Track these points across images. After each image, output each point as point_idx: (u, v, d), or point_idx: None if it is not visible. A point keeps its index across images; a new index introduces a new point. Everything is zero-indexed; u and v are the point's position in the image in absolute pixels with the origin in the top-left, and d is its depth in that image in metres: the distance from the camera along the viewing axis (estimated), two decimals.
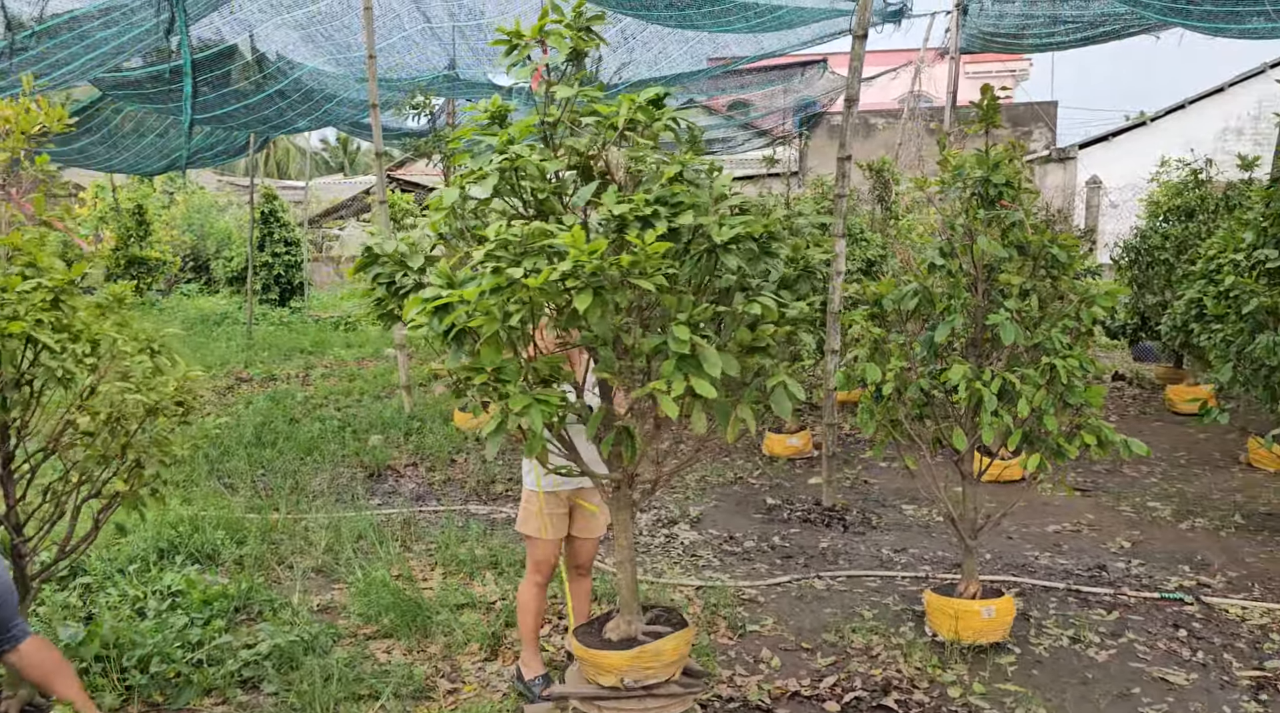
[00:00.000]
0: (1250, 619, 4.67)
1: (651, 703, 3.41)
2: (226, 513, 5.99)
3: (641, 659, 3.38)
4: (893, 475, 7.42)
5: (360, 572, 5.15)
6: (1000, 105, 4.69)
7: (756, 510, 6.59)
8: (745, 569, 5.46)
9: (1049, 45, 11.02)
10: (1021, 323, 4.34)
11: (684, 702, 3.45)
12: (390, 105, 11.58)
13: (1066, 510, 6.43)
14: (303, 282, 18.37)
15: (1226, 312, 6.12)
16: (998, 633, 4.39)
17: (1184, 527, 6.07)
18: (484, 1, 8.57)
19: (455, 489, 7.12)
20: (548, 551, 3.96)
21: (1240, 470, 7.34)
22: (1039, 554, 5.66)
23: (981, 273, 4.50)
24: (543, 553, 3.97)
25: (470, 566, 5.35)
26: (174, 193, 24.73)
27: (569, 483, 3.88)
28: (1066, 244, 4.39)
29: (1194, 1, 5.81)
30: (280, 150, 46.51)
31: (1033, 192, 4.60)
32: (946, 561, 5.57)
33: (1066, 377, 4.13)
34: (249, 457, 7.60)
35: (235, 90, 10.16)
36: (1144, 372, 11.10)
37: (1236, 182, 9.28)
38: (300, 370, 11.96)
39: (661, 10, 7.41)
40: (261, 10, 9.22)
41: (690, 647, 3.45)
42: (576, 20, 3.32)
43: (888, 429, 4.66)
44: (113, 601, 4.67)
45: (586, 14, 3.48)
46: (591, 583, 4.23)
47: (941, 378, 4.32)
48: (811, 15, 8.10)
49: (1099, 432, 4.23)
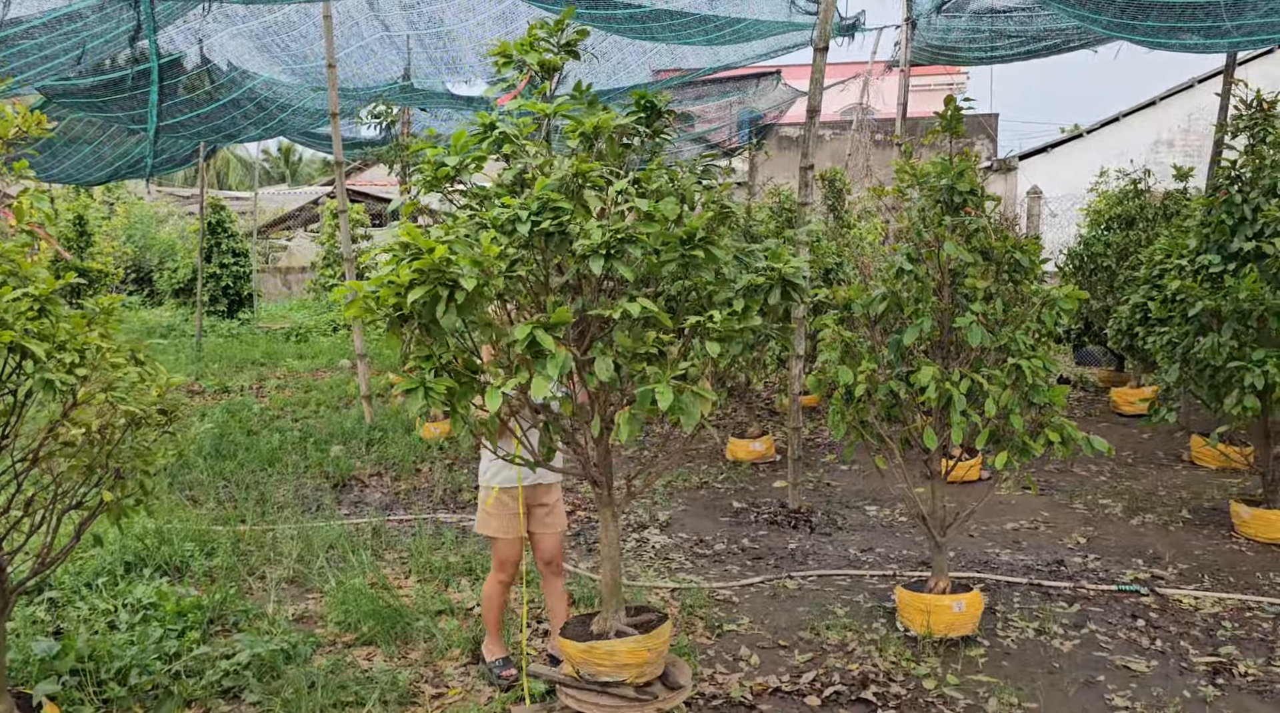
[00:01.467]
0: (1203, 609, 4.88)
1: (605, 701, 3.49)
2: (193, 525, 5.91)
3: (593, 655, 3.47)
4: (854, 478, 7.57)
5: (335, 580, 5.13)
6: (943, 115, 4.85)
7: (724, 514, 6.69)
8: (718, 571, 5.54)
9: (992, 59, 11.34)
10: (986, 326, 4.51)
11: (641, 707, 3.51)
12: (345, 114, 11.50)
13: (1024, 509, 6.64)
14: (251, 293, 18.11)
15: (1170, 315, 6.37)
16: (968, 627, 4.53)
17: (1135, 523, 6.30)
18: (444, 10, 8.58)
19: (422, 498, 7.11)
20: (508, 549, 4.07)
21: (1184, 468, 7.63)
22: (1000, 551, 5.84)
23: (947, 278, 4.66)
24: (504, 552, 4.07)
25: (445, 573, 5.36)
26: (113, 204, 24.20)
27: (524, 479, 3.95)
28: (1029, 250, 4.57)
29: (1138, 18, 6.08)
30: (220, 161, 45.69)
31: (994, 198, 4.78)
32: (912, 559, 5.71)
33: (1031, 377, 4.30)
34: (210, 469, 7.50)
35: (189, 99, 10.02)
36: (1087, 375, 11.45)
37: (1173, 191, 9.65)
38: (254, 382, 11.80)
39: (623, 23, 7.50)
40: (216, 20, 9.13)
41: (650, 653, 3.50)
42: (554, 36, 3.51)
43: (857, 431, 4.79)
44: (84, 614, 4.60)
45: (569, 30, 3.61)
46: (564, 583, 4.28)
47: (911, 379, 4.46)
48: (769, 29, 8.26)
49: (1062, 430, 4.40)
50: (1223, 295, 5.72)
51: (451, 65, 9.88)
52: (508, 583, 4.14)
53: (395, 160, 8.51)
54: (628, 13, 7.13)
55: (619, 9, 7.02)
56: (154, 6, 5.55)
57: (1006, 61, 11.13)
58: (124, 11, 5.93)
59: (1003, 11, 9.43)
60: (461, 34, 9.00)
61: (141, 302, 21.96)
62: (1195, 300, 5.79)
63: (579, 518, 6.61)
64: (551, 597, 4.20)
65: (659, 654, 3.55)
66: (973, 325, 4.41)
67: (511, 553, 4.06)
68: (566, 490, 7.22)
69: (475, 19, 8.70)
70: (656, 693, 3.58)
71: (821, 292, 6.94)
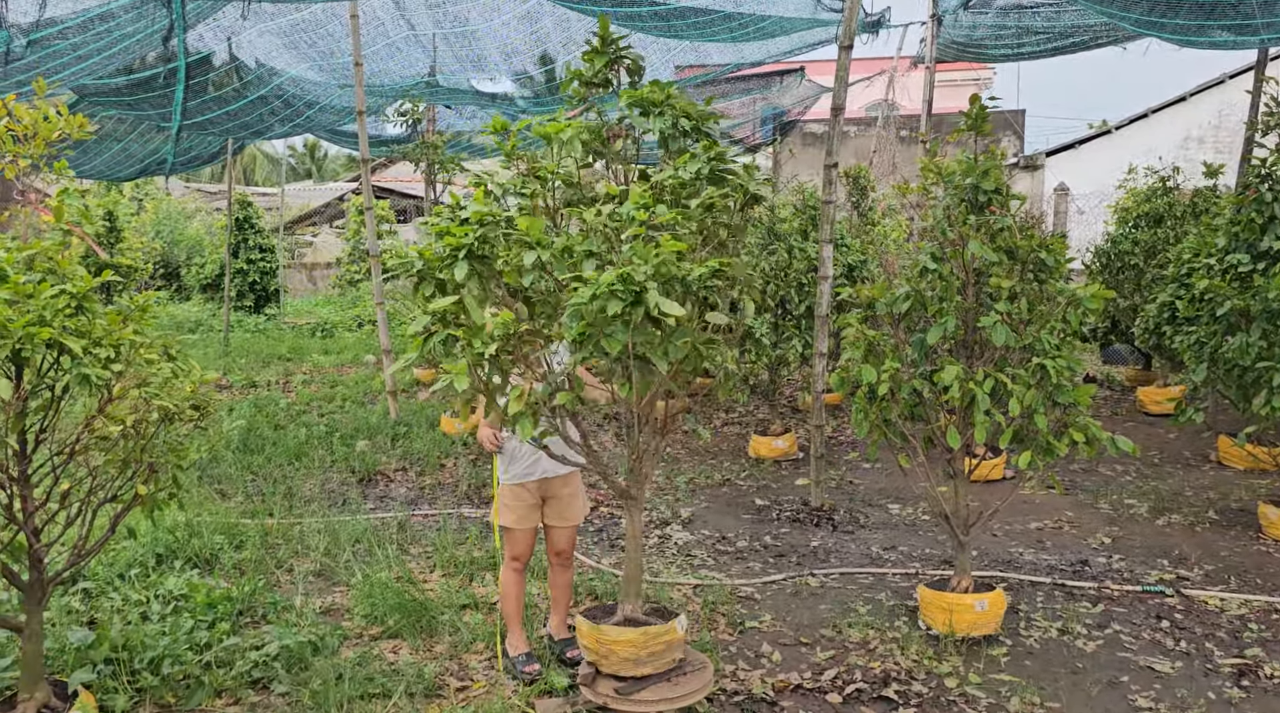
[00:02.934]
0: (1229, 610, 4.85)
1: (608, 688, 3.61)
2: (222, 518, 6.00)
3: (600, 636, 3.61)
4: (876, 476, 7.57)
5: (361, 574, 5.20)
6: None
7: (746, 511, 6.70)
8: (740, 568, 5.57)
9: (1019, 55, 11.27)
10: (1011, 325, 4.50)
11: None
12: (372, 112, 11.58)
13: (1048, 509, 6.61)
14: (277, 288, 18.28)
15: (1199, 314, 6.33)
16: (990, 626, 4.53)
17: (1160, 523, 6.26)
18: (469, 9, 8.64)
19: (447, 493, 7.17)
20: (521, 540, 4.16)
21: (1211, 469, 7.57)
22: (1024, 551, 5.82)
23: (971, 277, 4.65)
24: (518, 543, 4.16)
25: (469, 567, 5.41)
26: (142, 200, 24.48)
27: (534, 474, 4.03)
28: (1054, 249, 4.56)
29: (1168, 15, 6.04)
30: (247, 157, 46.10)
31: (1020, 197, 4.77)
32: (934, 557, 5.71)
33: (1056, 377, 4.29)
34: (238, 463, 7.60)
35: (218, 97, 10.14)
36: (1114, 374, 11.37)
37: (1203, 188, 9.55)
38: (280, 377, 11.93)
39: (647, 20, 7.52)
40: (245, 18, 9.22)
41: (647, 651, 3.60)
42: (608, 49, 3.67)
43: (881, 429, 4.80)
44: (117, 605, 4.69)
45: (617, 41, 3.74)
46: (571, 576, 4.37)
47: (935, 378, 4.46)
48: (793, 25, 8.25)
49: (1087, 430, 4.39)
50: (1252, 295, 5.68)
51: (477, 63, 9.93)
52: (521, 570, 4.23)
53: (421, 158, 8.58)
54: (652, 10, 7.15)
55: (644, 6, 7.05)
56: (185, 6, 5.62)
57: (1033, 58, 11.07)
58: (156, 10, 6.02)
59: (1029, 7, 9.38)
60: (486, 33, 9.05)
61: (170, 297, 22.22)
62: (1224, 300, 5.75)
63: (601, 514, 6.65)
64: (556, 588, 4.31)
65: (669, 646, 3.61)
66: (997, 325, 4.40)
67: (524, 544, 4.15)
68: (590, 486, 7.27)
69: (500, 18, 8.74)
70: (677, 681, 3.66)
71: (845, 290, 6.94)
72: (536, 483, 4.07)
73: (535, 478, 4.05)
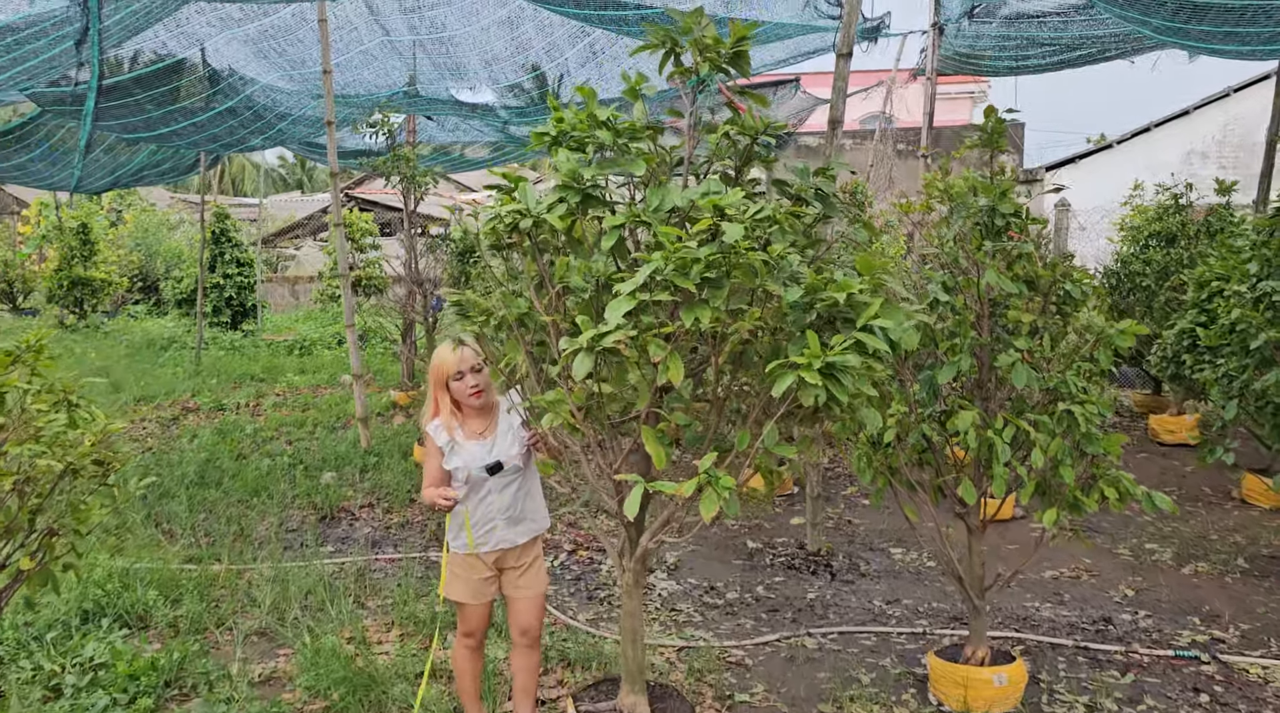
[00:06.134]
0: (1274, 681, 4.35)
1: None
2: (161, 566, 5.47)
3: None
4: (877, 515, 7.07)
5: (309, 635, 4.67)
6: (976, 125, 4.38)
7: (737, 556, 6.20)
8: (730, 625, 5.06)
9: (1022, 69, 10.82)
10: (1032, 364, 4.02)
11: None
12: (348, 123, 11.10)
13: (1063, 555, 6.11)
14: (255, 304, 17.73)
15: (1223, 344, 5.86)
16: (1010, 702, 4.03)
17: (1186, 572, 5.77)
18: (446, 14, 8.16)
19: (414, 534, 6.65)
20: (475, 616, 3.59)
21: (1234, 508, 7.08)
22: (1039, 605, 5.32)
23: (986, 308, 4.17)
24: (470, 618, 3.59)
25: (430, 625, 4.89)
26: (122, 211, 23.95)
27: (488, 543, 3.49)
28: (1079, 279, 4.08)
29: (1192, 21, 5.59)
30: (235, 166, 45.61)
31: (1040, 221, 4.29)
32: (942, 613, 5.21)
33: (1086, 425, 3.80)
34: (190, 499, 7.07)
35: (182, 108, 9.64)
36: (1121, 398, 10.89)
37: (1217, 206, 9.10)
38: (251, 399, 11.39)
39: (633, 24, 7.05)
40: (210, 24, 8.74)
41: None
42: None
43: (885, 476, 4.31)
44: (25, 677, 4.16)
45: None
46: (539, 658, 3.72)
47: (948, 424, 3.98)
48: (787, 32, 7.79)
49: (1118, 484, 3.90)
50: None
51: (456, 71, 9.45)
52: (476, 648, 3.65)
53: (393, 172, 8.08)
54: (638, 13, 6.68)
55: (629, 10, 6.57)
56: (101, 9, 5.13)
57: (1038, 72, 10.62)
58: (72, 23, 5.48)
59: (1036, 17, 8.92)
60: (464, 39, 8.57)
61: (148, 311, 21.67)
62: (1258, 331, 5.27)
63: (580, 559, 6.14)
64: (519, 672, 3.65)
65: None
66: (1017, 364, 3.91)
67: (478, 620, 3.59)
68: (569, 527, 6.76)
69: (479, 24, 8.26)
70: None
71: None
72: (492, 553, 3.52)
73: (489, 548, 3.50)
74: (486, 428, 3.50)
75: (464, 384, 3.42)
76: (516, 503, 3.49)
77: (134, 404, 11.08)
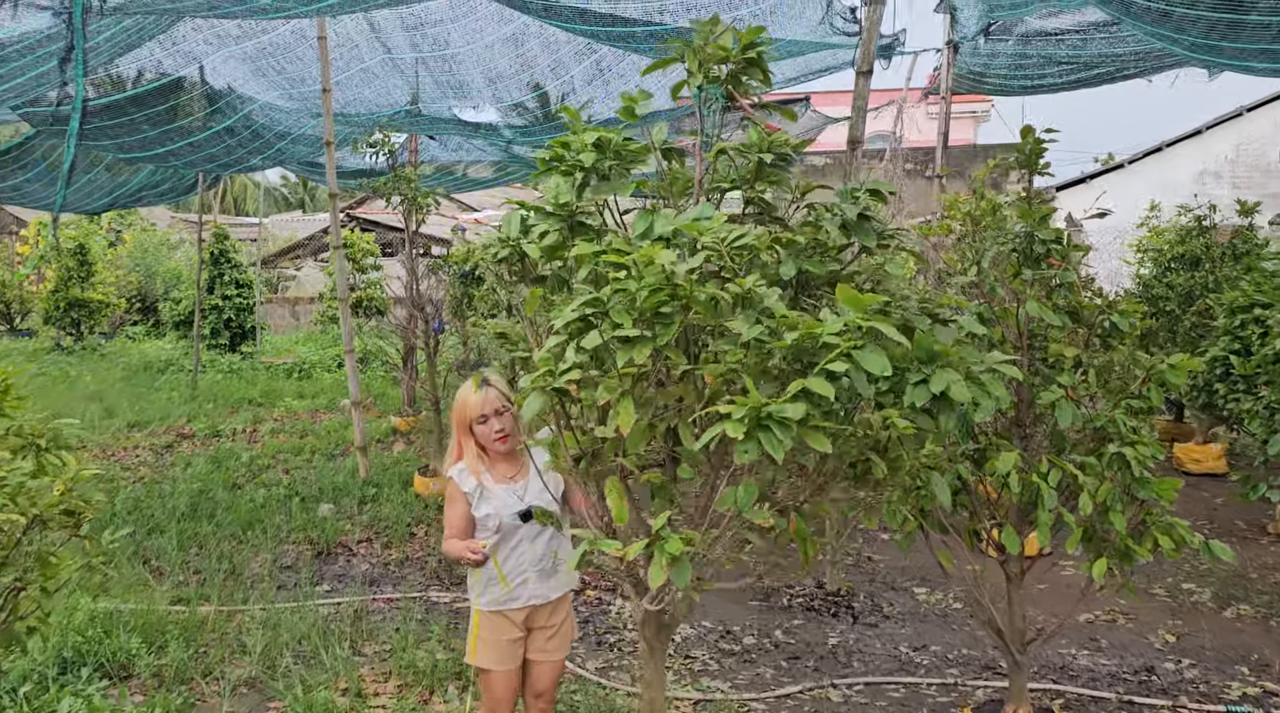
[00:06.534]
0: None
1: None
2: (147, 608, 5.18)
3: None
4: (898, 551, 6.75)
5: (300, 687, 4.38)
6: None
7: (753, 596, 5.90)
8: (748, 675, 4.76)
9: (1038, 88, 10.61)
10: (1076, 401, 3.75)
11: None
12: (348, 142, 10.87)
13: (1097, 597, 5.80)
14: (254, 326, 17.48)
15: (1262, 373, 5.60)
16: None
17: (1229, 615, 5.47)
18: (450, 31, 7.95)
19: (414, 571, 6.36)
20: (501, 685, 3.26)
21: (1270, 542, 6.78)
22: (1076, 652, 5.02)
23: (1025, 342, 3.91)
24: (497, 688, 3.27)
25: (430, 677, 4.59)
26: (120, 231, 23.76)
27: (519, 598, 3.20)
28: (1127, 311, 3.81)
29: (1227, 37, 5.37)
30: (237, 186, 45.52)
31: (1083, 248, 4.02)
32: (974, 661, 4.91)
33: (1139, 469, 3.52)
34: (180, 533, 6.78)
35: (179, 127, 9.42)
36: None
37: (1241, 227, 8.85)
38: (248, 425, 11.12)
39: (642, 41, 6.83)
40: (207, 41, 8.53)
41: None
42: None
43: (916, 520, 4.03)
44: None
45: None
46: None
47: (987, 467, 3.70)
48: (800, 49, 7.57)
49: (1172, 530, 3.63)
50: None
51: (459, 90, 9.23)
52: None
53: (393, 192, 7.87)
54: (647, 30, 6.46)
55: (638, 27, 6.35)
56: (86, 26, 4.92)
57: (1054, 91, 10.40)
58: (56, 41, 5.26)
59: (1054, 34, 8.69)
60: (468, 57, 8.35)
61: (146, 332, 21.44)
62: None
63: (588, 599, 5.85)
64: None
65: None
66: (1062, 401, 3.64)
67: (506, 690, 3.27)
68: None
69: (483, 41, 8.05)
70: None
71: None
72: (522, 610, 3.23)
73: (520, 604, 3.21)
74: (517, 472, 3.22)
75: (488, 428, 3.14)
76: (550, 553, 3.21)
77: (127, 430, 10.82)
